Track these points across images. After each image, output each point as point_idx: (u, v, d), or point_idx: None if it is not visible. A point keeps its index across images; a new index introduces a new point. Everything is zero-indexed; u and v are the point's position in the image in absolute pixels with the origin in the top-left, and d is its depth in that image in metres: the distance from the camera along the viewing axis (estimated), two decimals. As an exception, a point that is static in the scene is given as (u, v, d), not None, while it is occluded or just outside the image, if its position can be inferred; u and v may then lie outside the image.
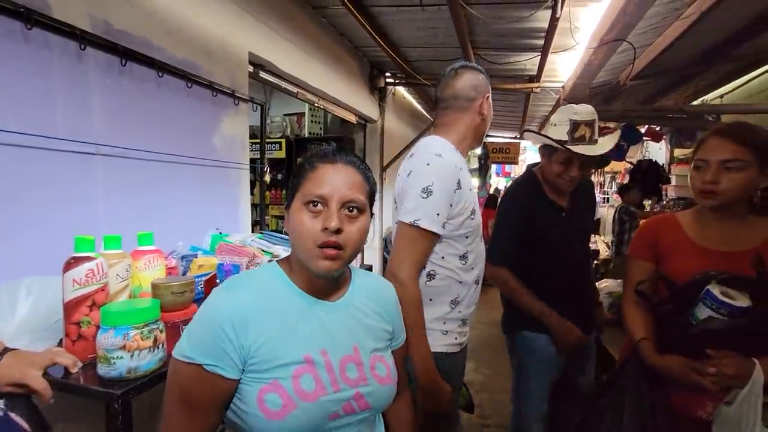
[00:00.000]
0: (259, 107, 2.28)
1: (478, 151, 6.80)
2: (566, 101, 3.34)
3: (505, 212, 1.53)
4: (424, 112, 5.85)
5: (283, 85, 2.67)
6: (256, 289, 0.68)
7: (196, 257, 1.56)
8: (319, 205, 0.66)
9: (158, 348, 0.81)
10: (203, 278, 1.17)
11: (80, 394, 0.77)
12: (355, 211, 0.68)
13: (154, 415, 1.57)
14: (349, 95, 3.46)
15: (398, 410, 0.85)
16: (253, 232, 2.12)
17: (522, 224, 1.45)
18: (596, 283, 4.43)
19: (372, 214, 0.75)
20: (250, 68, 2.24)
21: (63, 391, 0.78)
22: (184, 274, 1.46)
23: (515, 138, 7.18)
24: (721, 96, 3.92)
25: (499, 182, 11.67)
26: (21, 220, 1.19)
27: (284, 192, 4.37)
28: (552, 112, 4.81)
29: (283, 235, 1.89)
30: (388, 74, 4.10)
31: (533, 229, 1.44)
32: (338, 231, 0.65)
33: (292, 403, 0.62)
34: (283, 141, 4.34)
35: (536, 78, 3.53)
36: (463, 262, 1.14)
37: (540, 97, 4.26)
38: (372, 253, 4.35)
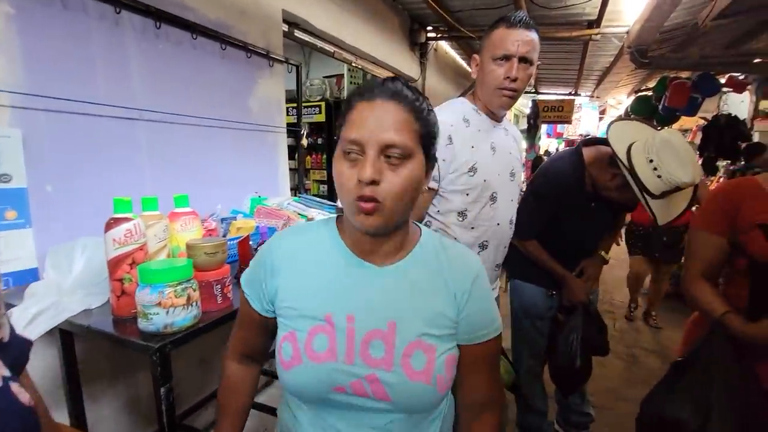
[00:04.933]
0: (294, 68, 2.24)
1: (526, 110, 6.38)
2: (631, 48, 2.97)
3: (543, 193, 1.49)
4: (469, 69, 5.51)
5: (319, 44, 2.59)
6: (304, 239, 0.68)
7: (236, 220, 1.61)
8: (354, 153, 0.57)
9: (192, 306, 0.84)
10: (236, 240, 1.20)
11: (125, 345, 0.82)
12: (395, 157, 0.56)
13: (205, 367, 1.71)
14: (387, 53, 3.31)
15: None
16: (294, 196, 2.15)
17: (554, 206, 1.47)
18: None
19: (431, 158, 0.63)
20: (285, 27, 2.18)
21: (112, 343, 0.84)
22: (224, 236, 1.51)
23: (569, 94, 6.61)
24: (829, 35, 3.29)
25: (549, 144, 10.93)
26: (74, 185, 1.27)
27: (324, 156, 4.38)
28: (614, 63, 4.33)
29: (318, 199, 1.90)
30: (429, 28, 3.86)
31: (559, 211, 1.47)
32: (373, 182, 0.55)
33: (298, 357, 0.61)
34: (323, 104, 4.30)
35: (596, 23, 3.16)
36: (461, 218, 1.17)
37: (600, 46, 3.83)
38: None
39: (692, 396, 0.96)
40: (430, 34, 3.89)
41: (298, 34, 2.36)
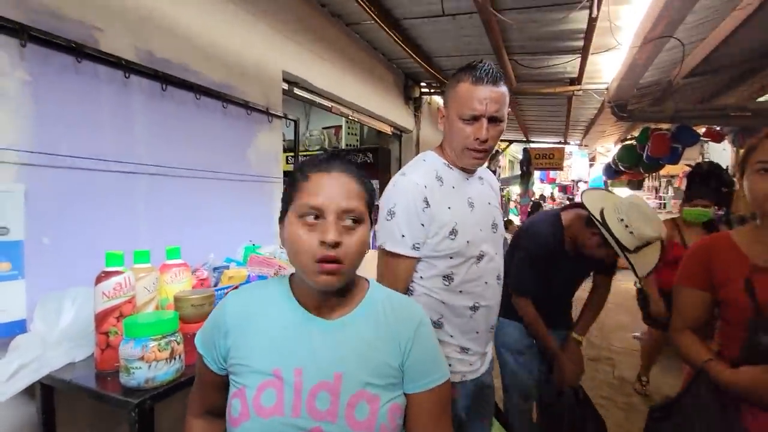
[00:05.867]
0: (292, 123, 2.36)
1: (519, 155, 6.60)
2: (611, 103, 3.15)
3: (532, 255, 1.57)
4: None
5: (318, 100, 2.75)
6: (256, 297, 0.70)
7: (228, 269, 1.63)
8: (314, 217, 0.63)
9: (175, 359, 0.85)
10: (225, 290, 1.22)
11: (103, 401, 0.82)
12: (352, 221, 0.64)
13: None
14: (383, 107, 3.49)
15: None
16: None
17: (541, 264, 1.56)
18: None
19: (373, 223, 0.72)
20: (285, 86, 2.34)
21: (91, 398, 0.84)
22: (215, 285, 1.52)
23: (559, 143, 6.87)
24: (796, 90, 3.51)
25: (543, 189, 11.18)
26: (72, 236, 1.30)
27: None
28: (598, 116, 4.55)
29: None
30: (422, 84, 4.10)
31: (544, 270, 1.55)
32: (336, 245, 0.61)
33: (247, 412, 0.62)
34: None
35: (577, 80, 3.37)
36: (447, 282, 1.07)
37: (583, 100, 4.06)
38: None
39: None
40: (423, 90, 4.12)
41: (297, 91, 2.51)
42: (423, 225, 1.02)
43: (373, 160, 4.31)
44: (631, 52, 2.34)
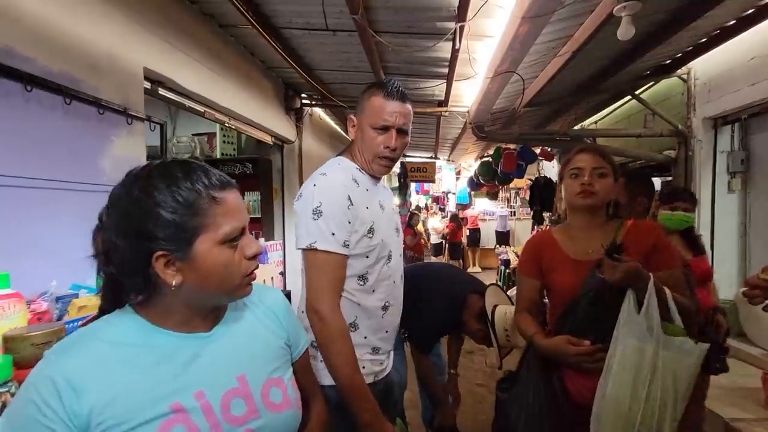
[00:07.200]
0: (158, 126, 2.10)
1: (397, 169, 7.06)
2: (471, 124, 3.64)
3: (437, 328, 1.87)
4: (344, 134, 5.92)
5: (188, 103, 2.50)
6: (95, 345, 0.57)
7: (77, 297, 1.35)
8: (237, 237, 0.63)
9: (9, 415, 0.67)
10: (80, 322, 1.01)
11: None
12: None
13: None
14: (262, 116, 3.36)
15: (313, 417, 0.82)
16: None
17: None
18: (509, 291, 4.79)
19: None
20: (147, 84, 2.07)
21: None
22: (59, 318, 1.25)
23: (431, 158, 7.59)
24: (596, 122, 4.62)
25: (419, 199, 12.19)
26: None
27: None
28: (461, 135, 5.19)
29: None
30: (303, 95, 4.08)
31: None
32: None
33: None
34: (192, 162, 4.04)
35: (444, 103, 3.79)
36: (361, 282, 1.10)
37: (449, 120, 4.58)
38: (295, 278, 4.19)
39: (521, 410, 1.17)
40: (304, 101, 4.11)
41: (162, 92, 2.24)
42: (349, 222, 1.04)
43: (254, 170, 4.09)
44: (485, 82, 2.74)
